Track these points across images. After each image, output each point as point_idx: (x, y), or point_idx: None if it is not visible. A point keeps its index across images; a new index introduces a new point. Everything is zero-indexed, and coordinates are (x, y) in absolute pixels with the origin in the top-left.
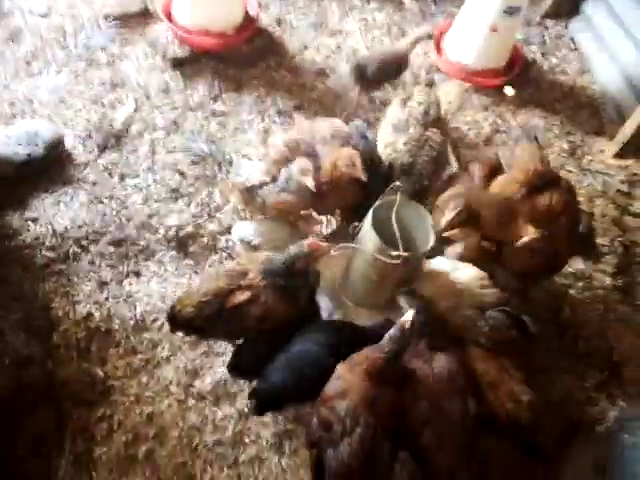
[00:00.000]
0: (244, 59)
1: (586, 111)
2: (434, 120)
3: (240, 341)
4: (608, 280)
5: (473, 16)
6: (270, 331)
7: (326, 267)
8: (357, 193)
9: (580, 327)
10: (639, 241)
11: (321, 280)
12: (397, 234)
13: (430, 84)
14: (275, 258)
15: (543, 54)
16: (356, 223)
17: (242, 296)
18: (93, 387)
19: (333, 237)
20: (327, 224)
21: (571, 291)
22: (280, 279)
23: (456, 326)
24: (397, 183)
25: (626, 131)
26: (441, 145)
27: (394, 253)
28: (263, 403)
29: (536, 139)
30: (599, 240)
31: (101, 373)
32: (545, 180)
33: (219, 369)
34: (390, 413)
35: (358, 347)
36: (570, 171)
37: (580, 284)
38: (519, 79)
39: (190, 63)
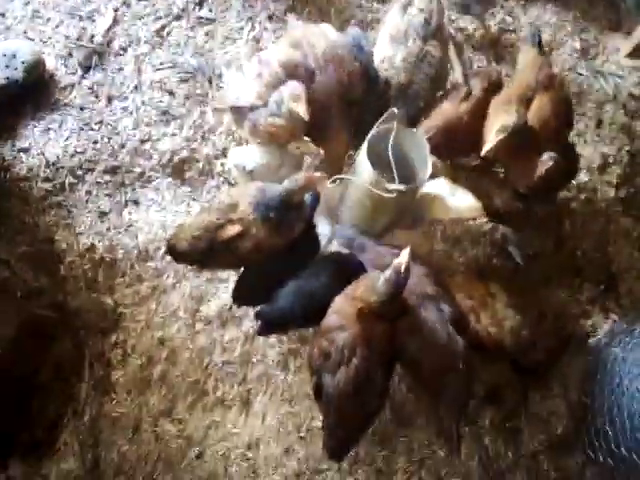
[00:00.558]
0: None
1: (603, 3)
2: (435, 31)
3: (241, 270)
4: (612, 192)
5: None
6: (267, 260)
7: (323, 191)
8: (352, 116)
9: (579, 241)
10: None
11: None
12: (393, 167)
13: None
14: (268, 189)
15: None
16: (352, 152)
17: (232, 230)
18: (104, 315)
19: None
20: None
21: (573, 204)
22: (272, 211)
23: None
24: (394, 110)
25: None
26: (441, 61)
27: (389, 187)
28: (269, 325)
29: (539, 43)
30: (606, 149)
31: (110, 302)
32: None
33: (223, 294)
34: (385, 345)
35: None
36: (581, 74)
37: (582, 196)
38: None
39: None
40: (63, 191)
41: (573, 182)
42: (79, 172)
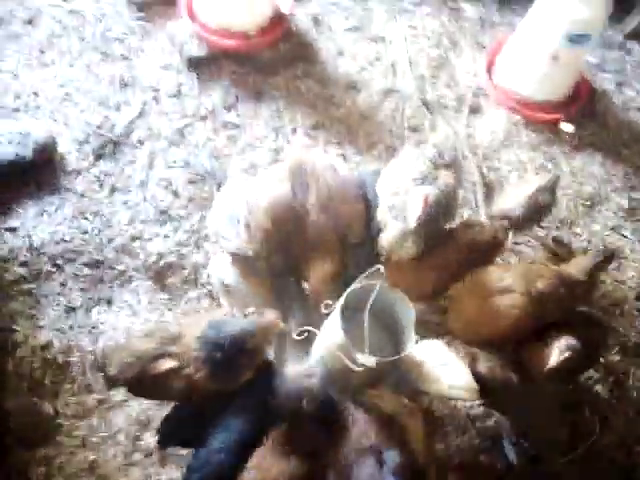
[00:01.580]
0: (268, 64)
1: None
2: (448, 164)
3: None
4: None
5: (530, 40)
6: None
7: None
8: (344, 256)
9: (602, 434)
10: None
11: None
12: (366, 333)
13: (474, 110)
14: (223, 325)
15: (618, 84)
16: (329, 302)
17: (165, 365)
18: (39, 424)
19: None
20: None
21: (597, 387)
22: (219, 352)
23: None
24: (380, 267)
25: None
26: (453, 191)
27: (358, 358)
28: None
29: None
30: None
31: (51, 410)
32: None
33: None
34: None
35: None
36: (625, 236)
37: (611, 379)
38: (582, 114)
39: (207, 65)
40: (38, 279)
41: (601, 360)
42: (59, 261)
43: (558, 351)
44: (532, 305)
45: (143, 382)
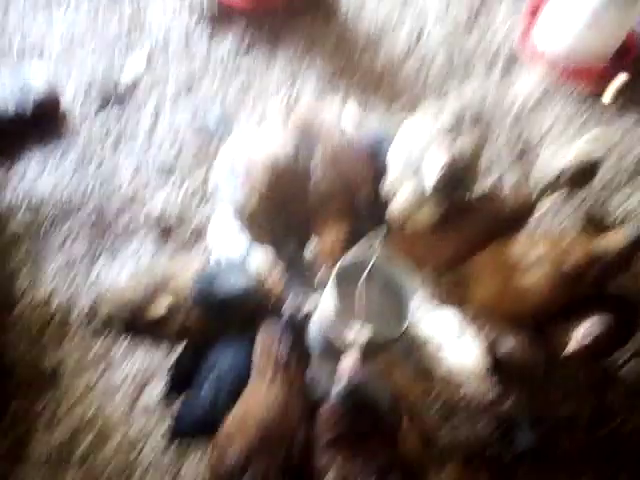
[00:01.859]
0: (287, 8)
1: None
2: (471, 123)
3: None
4: None
5: None
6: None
7: None
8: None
9: (625, 419)
10: None
11: None
12: (362, 312)
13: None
14: (224, 275)
15: None
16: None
17: (158, 309)
18: (41, 377)
19: None
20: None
21: (623, 370)
22: (214, 300)
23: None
24: (384, 230)
25: None
26: (473, 155)
27: (348, 339)
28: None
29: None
30: None
31: (51, 364)
32: None
33: None
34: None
35: None
36: None
37: (636, 363)
38: (628, 81)
39: (220, 10)
40: (38, 233)
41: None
42: (60, 214)
43: (579, 336)
44: (561, 282)
45: (136, 326)
